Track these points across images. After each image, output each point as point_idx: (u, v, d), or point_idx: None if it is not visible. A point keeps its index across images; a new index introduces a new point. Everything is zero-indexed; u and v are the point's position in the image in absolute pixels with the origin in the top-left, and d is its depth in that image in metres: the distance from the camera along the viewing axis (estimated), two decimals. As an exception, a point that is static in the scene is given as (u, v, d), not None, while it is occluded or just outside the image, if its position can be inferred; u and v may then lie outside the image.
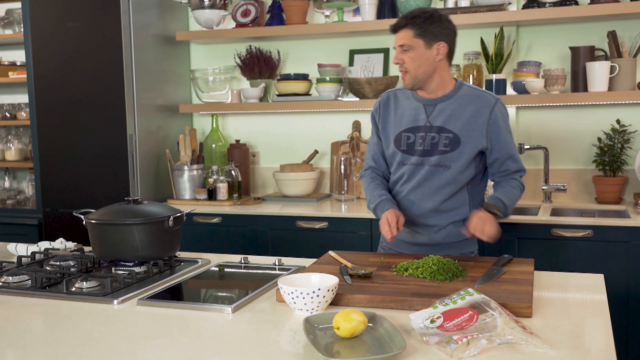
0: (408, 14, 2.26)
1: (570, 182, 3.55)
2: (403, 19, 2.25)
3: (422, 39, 2.22)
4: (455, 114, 2.25)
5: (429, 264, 1.88)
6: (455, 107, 2.26)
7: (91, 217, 2.06)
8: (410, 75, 2.25)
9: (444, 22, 2.24)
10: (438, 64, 2.25)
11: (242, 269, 2.11)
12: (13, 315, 1.70)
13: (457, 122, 2.24)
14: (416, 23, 2.22)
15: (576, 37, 3.48)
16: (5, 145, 4.38)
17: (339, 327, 1.40)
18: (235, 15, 3.87)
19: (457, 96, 2.28)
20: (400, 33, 2.25)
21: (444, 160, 2.25)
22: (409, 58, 2.24)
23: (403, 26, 2.24)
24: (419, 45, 2.22)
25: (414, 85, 2.28)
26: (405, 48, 2.24)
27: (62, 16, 3.67)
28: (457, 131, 2.23)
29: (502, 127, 2.26)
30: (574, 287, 1.87)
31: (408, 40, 2.23)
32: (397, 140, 2.32)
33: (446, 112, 2.26)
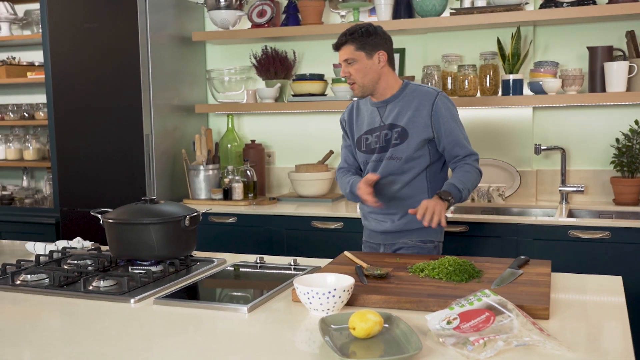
0: (346, 31, 2.48)
1: (587, 183, 3.52)
2: (343, 37, 2.48)
3: (363, 51, 2.46)
4: (403, 110, 2.50)
5: (445, 265, 1.87)
6: (403, 104, 2.51)
7: (108, 217, 2.07)
8: (358, 85, 2.49)
9: (379, 34, 2.48)
10: (382, 71, 2.50)
11: (257, 268, 2.11)
12: (31, 313, 1.71)
13: (404, 117, 2.49)
14: (355, 38, 2.45)
15: (594, 37, 3.45)
16: (24, 145, 4.42)
17: (355, 327, 1.40)
18: (251, 15, 3.88)
19: (404, 95, 2.53)
20: (343, 49, 2.48)
21: (396, 152, 2.49)
22: (355, 70, 2.47)
23: (344, 43, 2.48)
24: (361, 57, 2.46)
25: (363, 93, 2.52)
26: (350, 61, 2.47)
27: (79, 17, 3.70)
28: (404, 125, 2.48)
29: (445, 116, 2.47)
30: (591, 289, 1.85)
31: (351, 54, 2.46)
32: (359, 143, 2.60)
33: (395, 110, 2.51)
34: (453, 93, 3.58)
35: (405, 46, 3.80)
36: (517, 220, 3.08)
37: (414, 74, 3.74)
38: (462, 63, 3.63)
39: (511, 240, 3.05)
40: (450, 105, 2.52)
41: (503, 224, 3.07)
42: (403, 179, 2.50)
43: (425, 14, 3.51)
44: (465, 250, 3.07)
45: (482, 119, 3.65)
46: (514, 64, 3.42)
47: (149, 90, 3.64)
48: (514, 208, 3.47)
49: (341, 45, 2.48)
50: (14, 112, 4.44)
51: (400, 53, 3.80)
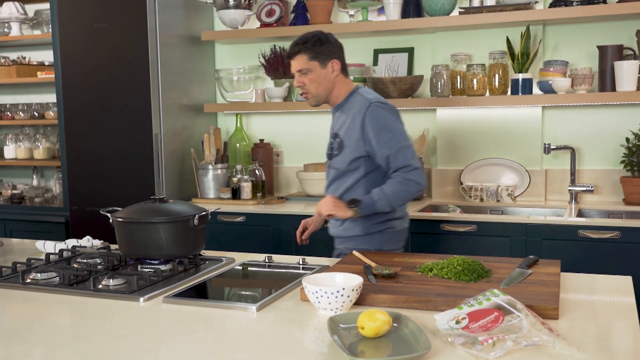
0: (299, 40, 2.47)
1: (597, 183, 3.50)
2: (295, 46, 2.47)
3: (316, 61, 2.45)
4: (345, 120, 2.50)
5: (454, 265, 1.87)
6: (344, 114, 2.52)
7: (118, 216, 2.08)
8: (312, 94, 2.51)
9: (331, 42, 2.48)
10: (335, 80, 2.50)
11: (266, 267, 2.11)
12: (41, 311, 1.72)
13: (343, 128, 2.49)
14: (308, 47, 2.45)
15: (604, 36, 3.44)
16: (34, 144, 4.45)
17: (364, 326, 1.40)
18: (259, 15, 3.89)
19: (347, 104, 2.52)
20: (296, 59, 2.47)
21: (334, 163, 2.53)
22: (309, 80, 2.47)
23: (297, 52, 2.46)
24: (315, 67, 2.46)
25: (317, 103, 2.54)
26: (304, 72, 2.47)
27: (89, 17, 3.72)
28: (342, 136, 2.49)
29: (375, 129, 2.39)
30: (601, 289, 1.84)
31: (304, 64, 2.46)
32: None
33: (341, 119, 2.53)
34: (462, 92, 3.58)
35: (414, 45, 3.79)
36: (526, 220, 3.07)
37: (422, 73, 3.74)
38: (471, 62, 3.62)
39: (520, 240, 3.04)
40: (384, 114, 2.41)
41: (512, 224, 3.07)
42: (343, 186, 2.51)
43: (434, 13, 3.51)
44: (474, 250, 3.06)
45: (491, 119, 3.64)
46: (524, 63, 3.41)
47: (158, 89, 3.65)
48: (523, 208, 3.46)
49: (294, 55, 2.47)
50: (24, 111, 4.46)
51: (409, 52, 3.79)
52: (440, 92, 3.57)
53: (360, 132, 2.41)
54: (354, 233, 2.49)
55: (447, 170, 3.73)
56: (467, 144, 3.70)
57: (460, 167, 3.70)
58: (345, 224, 2.50)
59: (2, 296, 1.86)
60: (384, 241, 2.49)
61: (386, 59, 3.83)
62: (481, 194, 3.56)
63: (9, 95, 4.78)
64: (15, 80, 4.38)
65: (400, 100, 3.60)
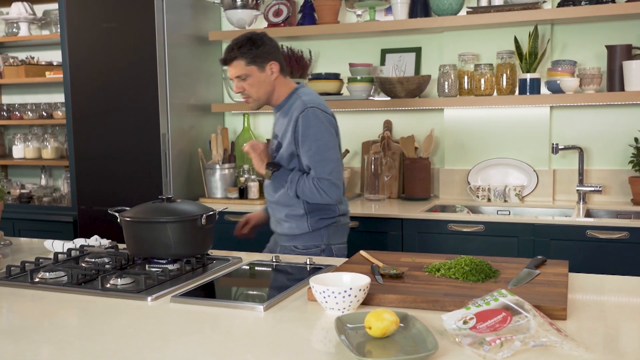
0: (233, 45, 2.43)
1: (605, 183, 3.49)
2: (231, 52, 2.43)
3: (254, 65, 2.44)
4: (282, 121, 2.54)
5: (462, 265, 1.86)
6: (283, 115, 2.55)
7: (125, 215, 2.08)
8: (253, 99, 2.51)
9: (266, 43, 2.46)
10: (275, 82, 2.50)
11: (273, 267, 2.11)
12: (49, 310, 1.73)
13: (281, 129, 2.53)
14: (244, 52, 2.42)
15: (612, 36, 3.42)
16: (42, 144, 4.47)
17: (371, 326, 1.40)
18: (267, 15, 3.89)
19: (286, 105, 2.54)
20: (233, 65, 2.45)
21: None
22: (249, 85, 2.47)
23: (234, 58, 2.43)
24: (253, 72, 2.45)
25: (258, 106, 2.55)
26: (243, 77, 2.46)
27: (97, 17, 3.73)
28: (280, 137, 2.53)
29: (302, 135, 2.44)
30: (609, 290, 1.84)
31: (242, 70, 2.44)
32: None
33: (280, 120, 2.57)
34: (469, 92, 3.57)
35: (422, 45, 3.79)
36: (534, 220, 3.06)
37: (430, 73, 3.73)
38: (479, 62, 3.62)
39: (528, 240, 3.03)
40: (315, 122, 2.43)
41: (520, 224, 3.06)
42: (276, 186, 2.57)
43: (441, 13, 3.50)
44: (481, 250, 3.05)
45: (498, 119, 3.63)
46: (531, 63, 3.40)
47: (166, 89, 3.66)
48: (531, 208, 3.45)
49: (231, 61, 2.44)
50: (33, 111, 4.48)
51: (416, 52, 3.79)
52: (447, 92, 3.57)
53: (292, 134, 2.47)
54: (300, 231, 2.55)
55: (454, 170, 3.72)
56: (474, 144, 3.69)
57: (468, 167, 3.70)
58: (290, 223, 2.55)
59: (11, 295, 1.87)
60: (331, 235, 2.57)
61: (393, 59, 3.82)
62: (489, 194, 3.55)
63: (18, 95, 4.81)
64: (24, 80, 4.40)
65: (408, 100, 3.60)
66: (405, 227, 3.22)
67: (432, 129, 3.71)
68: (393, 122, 3.86)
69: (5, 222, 3.83)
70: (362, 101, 3.68)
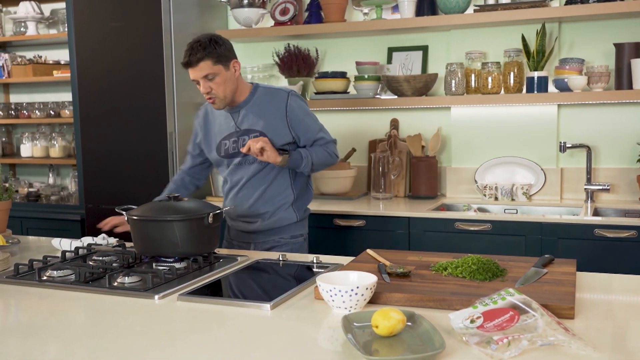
0: (196, 46, 2.41)
1: (613, 181, 3.48)
2: (197, 53, 2.41)
3: (220, 64, 2.45)
4: (258, 114, 2.55)
5: (469, 263, 1.86)
6: (256, 108, 2.56)
7: (133, 214, 2.09)
8: (220, 98, 2.49)
9: (225, 42, 2.48)
10: (238, 79, 2.54)
11: (280, 266, 2.12)
12: (57, 308, 1.73)
13: (260, 121, 2.54)
14: (210, 52, 2.41)
15: (621, 33, 3.41)
16: (50, 143, 4.48)
17: (378, 325, 1.40)
18: (273, 13, 3.89)
19: (255, 99, 2.57)
20: (199, 66, 2.43)
21: (252, 158, 2.55)
22: (216, 84, 2.46)
23: (201, 59, 2.42)
24: (220, 71, 2.45)
25: (224, 106, 2.54)
26: (210, 77, 2.45)
27: (105, 16, 3.74)
28: (261, 129, 2.54)
29: (299, 115, 2.57)
30: (617, 289, 1.83)
31: (209, 69, 2.43)
32: (218, 149, 2.64)
33: (249, 115, 2.56)
34: (477, 91, 3.56)
35: (428, 43, 3.78)
36: (541, 218, 3.05)
37: (437, 71, 3.73)
38: (486, 60, 3.60)
39: (535, 239, 3.02)
40: (302, 103, 2.61)
41: (527, 223, 3.05)
42: (267, 179, 2.60)
43: (448, 11, 3.49)
44: (488, 249, 3.04)
45: (506, 117, 3.62)
46: (539, 61, 3.39)
47: (173, 88, 3.66)
48: (539, 206, 3.44)
49: (198, 62, 2.42)
50: (41, 110, 4.50)
51: (423, 50, 3.78)
52: (454, 90, 3.56)
53: (284, 122, 2.55)
54: (288, 222, 2.65)
55: (461, 168, 3.72)
56: (481, 143, 3.68)
57: (475, 166, 3.69)
58: (276, 215, 2.62)
59: (18, 293, 1.87)
60: (305, 224, 2.75)
61: (400, 57, 3.82)
62: (496, 192, 3.54)
63: (26, 94, 4.82)
64: (32, 79, 4.41)
65: (415, 98, 3.59)
66: (412, 226, 3.21)
67: (439, 128, 3.70)
68: (400, 121, 3.85)
69: (13, 220, 3.84)
70: (369, 100, 3.68)
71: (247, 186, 2.63)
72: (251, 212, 2.64)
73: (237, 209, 2.65)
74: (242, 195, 2.64)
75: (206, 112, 2.71)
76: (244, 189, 2.64)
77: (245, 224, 2.67)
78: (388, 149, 3.69)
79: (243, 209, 2.65)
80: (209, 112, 2.70)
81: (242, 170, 2.62)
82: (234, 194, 2.66)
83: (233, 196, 2.67)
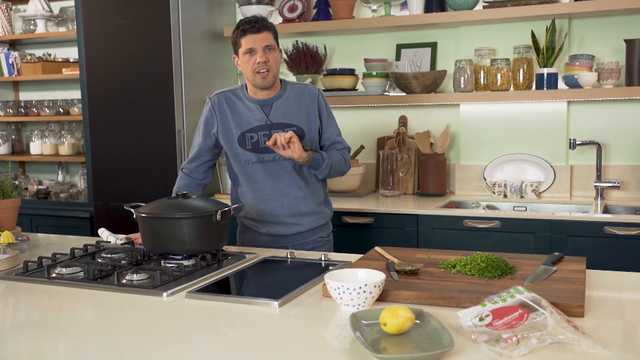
0: (258, 17, 2.40)
1: (624, 178, 3.45)
2: (262, 21, 2.38)
3: (276, 42, 2.44)
4: (292, 108, 2.49)
5: (477, 261, 1.85)
6: (291, 102, 2.50)
7: (141, 211, 2.09)
8: (272, 73, 2.43)
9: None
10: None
11: (288, 263, 2.11)
12: (66, 305, 1.74)
13: (297, 116, 2.49)
14: (272, 27, 2.42)
15: (631, 29, 3.38)
16: (59, 140, 4.50)
17: (386, 323, 1.39)
18: (282, 10, 3.89)
19: (287, 93, 2.51)
20: (264, 34, 2.38)
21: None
22: (273, 58, 2.42)
23: (267, 28, 2.39)
24: (275, 47, 2.43)
25: (272, 84, 2.45)
26: (271, 48, 2.41)
27: (113, 14, 3.75)
28: (299, 124, 2.47)
29: (327, 112, 2.58)
30: (627, 287, 1.82)
31: (271, 41, 2.41)
32: (242, 141, 2.48)
33: (283, 109, 2.49)
34: (486, 87, 3.54)
35: (437, 40, 3.77)
36: (551, 216, 3.04)
37: (445, 68, 3.71)
38: (495, 57, 3.59)
39: (545, 236, 3.01)
40: (327, 102, 2.63)
41: (536, 220, 3.04)
42: (304, 176, 2.54)
43: (457, 8, 3.48)
44: (497, 247, 3.03)
45: (515, 114, 3.61)
46: (549, 57, 3.37)
47: (181, 85, 3.67)
48: (548, 204, 3.43)
49: (264, 30, 2.38)
50: (50, 107, 4.52)
51: (432, 47, 3.77)
52: (463, 87, 3.54)
53: (316, 117, 2.53)
54: (325, 219, 2.64)
55: (470, 165, 3.70)
56: (490, 140, 3.67)
57: (484, 163, 3.67)
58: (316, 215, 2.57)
59: (28, 290, 1.88)
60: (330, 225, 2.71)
61: (409, 54, 3.80)
62: (505, 190, 3.53)
63: (35, 92, 4.85)
64: (41, 77, 4.43)
65: (424, 95, 3.58)
66: (420, 223, 3.20)
67: (447, 125, 3.69)
68: (408, 118, 3.84)
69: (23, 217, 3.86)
70: (377, 97, 3.67)
71: (285, 184, 2.50)
72: (292, 212, 2.53)
73: (273, 210, 2.51)
74: (278, 195, 2.50)
75: (221, 101, 2.52)
76: (280, 187, 2.50)
77: (282, 227, 2.54)
78: (397, 146, 3.68)
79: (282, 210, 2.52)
80: (225, 100, 2.52)
81: (276, 167, 2.49)
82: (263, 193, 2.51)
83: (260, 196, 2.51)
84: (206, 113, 2.55)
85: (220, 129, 2.52)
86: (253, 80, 2.44)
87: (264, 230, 2.56)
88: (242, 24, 2.40)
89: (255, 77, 2.42)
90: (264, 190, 2.51)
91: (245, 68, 2.43)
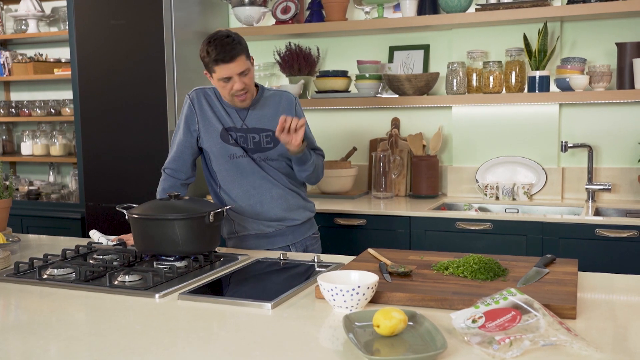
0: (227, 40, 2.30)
1: (615, 181, 3.47)
2: (235, 47, 2.30)
3: (249, 59, 2.39)
4: (268, 114, 2.47)
5: (470, 263, 1.85)
6: (267, 108, 2.48)
7: (133, 212, 2.08)
8: (250, 93, 2.41)
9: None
10: None
11: (281, 265, 2.11)
12: (58, 307, 1.73)
13: (273, 121, 2.42)
14: (243, 46, 2.35)
15: (623, 33, 3.40)
16: (50, 141, 4.48)
17: (379, 325, 1.39)
18: (275, 12, 3.89)
19: (264, 99, 2.49)
20: (237, 61, 2.31)
21: (271, 154, 2.47)
22: (249, 79, 2.38)
23: (239, 53, 2.31)
24: (250, 65, 2.39)
25: (251, 100, 2.43)
26: (246, 72, 2.35)
27: (106, 14, 3.73)
28: (275, 129, 2.35)
29: (301, 117, 2.43)
30: (619, 289, 1.82)
31: (245, 65, 2.34)
32: (224, 136, 2.46)
33: (259, 114, 2.47)
34: (478, 90, 3.55)
35: (430, 42, 3.78)
36: (542, 218, 3.05)
37: (438, 70, 3.72)
38: (488, 59, 3.60)
39: (537, 238, 3.02)
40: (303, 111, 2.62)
41: (528, 222, 3.05)
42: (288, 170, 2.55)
43: (450, 10, 3.49)
44: (490, 249, 3.04)
45: (507, 116, 3.62)
46: (541, 60, 3.38)
47: (174, 86, 3.66)
48: (540, 206, 3.44)
49: (237, 57, 2.30)
50: (41, 108, 4.50)
51: (424, 49, 3.77)
52: (456, 89, 3.55)
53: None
54: (313, 213, 2.66)
55: (462, 168, 3.71)
56: (483, 142, 3.68)
57: (476, 165, 3.68)
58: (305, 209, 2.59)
59: (19, 291, 1.87)
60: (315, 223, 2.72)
61: (402, 56, 3.81)
62: (497, 192, 3.54)
63: (26, 92, 4.82)
64: (32, 77, 4.41)
65: (416, 97, 3.58)
66: (413, 225, 3.21)
67: (440, 127, 3.70)
68: (401, 120, 3.85)
69: (14, 218, 3.84)
70: (370, 98, 3.67)
71: (272, 176, 2.49)
72: (291, 207, 2.54)
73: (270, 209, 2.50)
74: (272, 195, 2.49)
75: (200, 97, 2.50)
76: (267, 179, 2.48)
77: (273, 221, 2.52)
78: (389, 148, 3.68)
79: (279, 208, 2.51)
80: (204, 97, 2.50)
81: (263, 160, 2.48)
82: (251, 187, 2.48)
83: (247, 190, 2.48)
84: (186, 110, 2.52)
85: (202, 125, 2.48)
86: (231, 101, 2.43)
87: (251, 226, 2.53)
88: (213, 50, 2.29)
89: (233, 99, 2.41)
90: (252, 183, 2.48)
91: (221, 91, 2.41)
